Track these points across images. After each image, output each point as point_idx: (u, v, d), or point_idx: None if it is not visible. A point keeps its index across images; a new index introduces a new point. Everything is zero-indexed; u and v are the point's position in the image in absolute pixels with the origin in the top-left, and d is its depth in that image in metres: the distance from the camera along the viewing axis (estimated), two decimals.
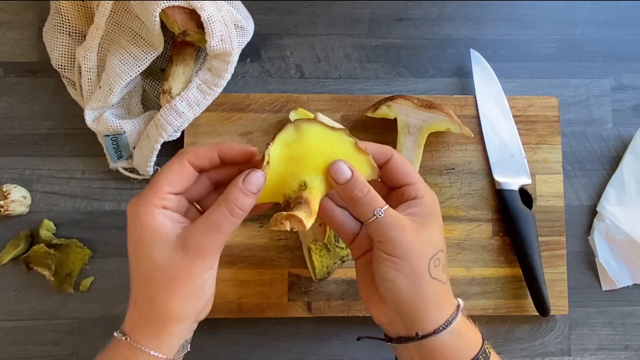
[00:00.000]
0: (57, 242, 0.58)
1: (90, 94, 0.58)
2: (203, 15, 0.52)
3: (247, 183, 0.38)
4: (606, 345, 0.61)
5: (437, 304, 0.42)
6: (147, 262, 0.38)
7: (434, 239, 0.42)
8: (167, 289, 0.38)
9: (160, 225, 0.38)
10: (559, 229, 0.60)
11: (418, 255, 0.40)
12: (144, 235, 0.38)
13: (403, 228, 0.40)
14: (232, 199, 0.38)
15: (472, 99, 0.62)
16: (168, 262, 0.38)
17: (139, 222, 0.38)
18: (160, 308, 0.39)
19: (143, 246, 0.38)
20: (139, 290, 0.40)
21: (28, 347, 0.58)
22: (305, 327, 0.60)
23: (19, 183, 0.60)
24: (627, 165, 0.62)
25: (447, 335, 0.41)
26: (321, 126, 0.40)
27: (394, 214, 0.41)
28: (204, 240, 0.38)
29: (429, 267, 0.41)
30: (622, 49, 0.65)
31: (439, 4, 0.65)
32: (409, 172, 0.43)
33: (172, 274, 0.38)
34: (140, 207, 0.39)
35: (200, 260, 0.38)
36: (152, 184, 0.39)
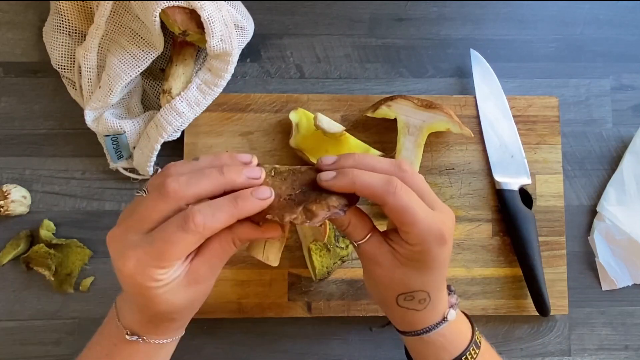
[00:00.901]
0: (57, 242, 0.58)
1: (90, 94, 0.58)
2: (203, 15, 0.52)
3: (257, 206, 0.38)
4: (606, 345, 0.61)
5: (406, 323, 0.44)
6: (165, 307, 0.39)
7: (411, 281, 0.41)
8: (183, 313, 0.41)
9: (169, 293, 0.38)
10: (559, 229, 0.60)
11: (385, 287, 0.42)
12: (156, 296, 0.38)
13: (376, 263, 0.41)
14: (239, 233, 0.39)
15: (472, 99, 0.62)
16: (187, 298, 0.39)
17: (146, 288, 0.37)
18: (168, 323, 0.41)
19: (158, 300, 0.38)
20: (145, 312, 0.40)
21: (28, 347, 0.58)
22: (305, 327, 0.60)
23: (19, 183, 0.60)
24: (627, 165, 0.62)
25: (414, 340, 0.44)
26: None
27: (372, 248, 0.41)
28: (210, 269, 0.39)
29: (397, 300, 0.42)
30: (622, 49, 0.65)
31: (439, 4, 0.65)
32: (402, 222, 0.39)
33: (192, 305, 0.41)
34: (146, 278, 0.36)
35: (210, 281, 0.41)
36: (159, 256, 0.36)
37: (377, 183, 0.38)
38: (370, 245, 0.41)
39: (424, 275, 0.41)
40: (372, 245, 0.41)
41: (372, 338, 0.60)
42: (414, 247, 0.39)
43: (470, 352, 0.43)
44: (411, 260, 0.40)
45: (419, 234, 0.39)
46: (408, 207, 0.38)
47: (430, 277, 0.41)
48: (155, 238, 0.36)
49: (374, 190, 0.38)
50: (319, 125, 0.55)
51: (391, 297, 0.42)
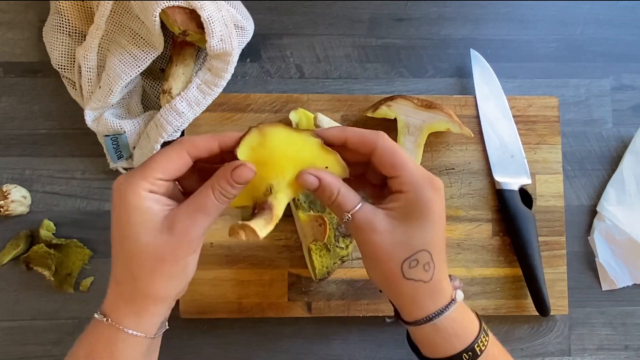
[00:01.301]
0: (57, 242, 0.58)
1: (90, 94, 0.58)
2: (203, 15, 0.52)
3: (235, 176, 0.39)
4: (606, 345, 0.61)
5: (415, 301, 0.41)
6: (132, 243, 0.39)
7: (412, 239, 0.40)
8: (151, 270, 0.39)
9: (147, 207, 0.39)
10: (559, 229, 0.60)
11: (387, 258, 0.40)
12: (130, 216, 0.39)
13: (372, 230, 0.40)
14: (218, 188, 0.39)
15: (472, 99, 0.62)
16: (154, 243, 0.38)
17: (125, 203, 0.39)
18: (143, 288, 0.39)
19: (128, 227, 0.39)
20: (122, 270, 0.40)
21: (28, 347, 0.58)
22: (305, 327, 0.60)
23: (19, 183, 0.60)
24: (627, 165, 0.62)
25: (426, 329, 0.41)
26: (285, 129, 0.40)
27: (365, 215, 0.40)
28: (190, 222, 0.39)
29: (402, 269, 0.40)
30: (622, 49, 0.65)
31: (439, 4, 0.65)
32: (394, 163, 0.40)
33: (157, 255, 0.39)
34: (128, 187, 0.39)
35: (185, 242, 0.39)
36: (144, 166, 0.39)
37: (366, 130, 0.41)
38: (364, 211, 0.40)
39: (422, 229, 0.40)
40: (366, 211, 0.40)
41: (372, 338, 0.60)
42: (408, 193, 0.40)
43: (482, 340, 0.42)
44: (408, 213, 0.40)
45: (410, 175, 0.40)
46: (397, 150, 0.40)
47: (429, 231, 0.40)
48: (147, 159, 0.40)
49: (364, 135, 0.40)
50: (318, 125, 0.55)
51: (396, 267, 0.40)
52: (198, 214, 0.39)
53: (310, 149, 0.40)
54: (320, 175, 0.40)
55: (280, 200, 0.40)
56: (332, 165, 0.41)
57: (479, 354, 0.41)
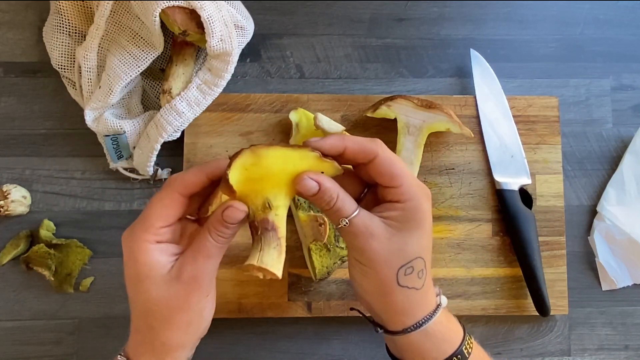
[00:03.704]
0: (57, 242, 0.58)
1: (90, 94, 0.58)
2: (203, 15, 0.52)
3: (226, 217, 0.39)
4: (606, 345, 0.61)
5: (406, 310, 0.42)
6: (144, 297, 0.39)
7: (409, 247, 0.40)
8: (167, 321, 0.40)
9: (155, 261, 0.39)
10: (559, 229, 0.60)
11: (384, 264, 0.40)
12: (139, 271, 0.39)
13: (370, 236, 0.40)
14: (214, 230, 0.39)
15: (472, 99, 0.62)
16: (165, 295, 0.39)
17: (133, 258, 0.39)
18: (162, 338, 0.40)
19: (139, 282, 0.39)
20: (139, 320, 0.41)
21: (28, 347, 0.58)
22: (305, 327, 0.60)
23: (19, 183, 0.60)
24: (627, 165, 0.62)
25: (416, 336, 0.42)
26: (280, 148, 0.38)
27: (363, 221, 0.40)
28: (196, 268, 0.39)
29: (397, 276, 0.40)
30: (622, 49, 0.65)
31: (439, 4, 0.65)
32: (393, 174, 0.40)
33: (170, 306, 0.39)
34: (134, 244, 0.39)
35: (196, 289, 0.40)
36: (144, 219, 0.40)
37: (365, 140, 0.40)
38: (362, 217, 0.40)
39: (417, 238, 0.40)
40: (364, 217, 0.40)
41: (372, 338, 0.60)
42: (406, 203, 0.40)
43: (467, 342, 0.42)
44: (405, 222, 0.40)
45: (409, 186, 0.40)
46: (396, 160, 0.40)
47: (424, 240, 0.41)
48: (145, 209, 0.40)
49: (363, 144, 0.40)
50: (319, 125, 0.55)
51: (391, 275, 0.40)
52: (201, 258, 0.39)
53: (308, 162, 0.39)
54: (320, 179, 0.39)
55: (281, 216, 0.40)
56: (328, 170, 0.40)
57: (467, 356, 0.42)
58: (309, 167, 0.39)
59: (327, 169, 0.40)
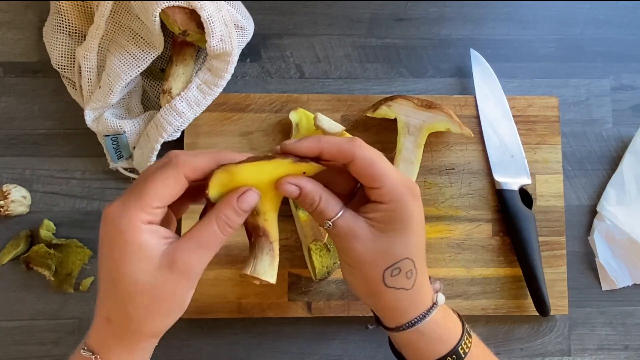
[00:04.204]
0: (57, 242, 0.58)
1: (90, 94, 0.58)
2: (203, 15, 0.52)
3: (241, 202, 0.38)
4: (606, 345, 0.61)
5: (397, 309, 0.41)
6: (128, 282, 0.36)
7: (394, 248, 0.39)
8: (147, 309, 0.37)
9: (145, 242, 0.36)
10: (559, 229, 0.60)
11: (369, 266, 0.40)
12: (126, 252, 0.36)
13: (354, 238, 0.39)
14: (224, 217, 0.37)
15: (472, 99, 0.62)
16: (152, 282, 0.36)
17: (121, 237, 0.35)
18: (138, 327, 0.37)
19: (124, 264, 0.36)
20: (114, 309, 0.37)
21: (28, 347, 0.58)
22: (305, 327, 0.60)
23: (19, 183, 0.60)
24: (627, 165, 0.62)
25: (409, 334, 0.41)
26: (251, 164, 0.37)
27: (347, 223, 0.39)
28: (193, 259, 0.37)
29: (384, 277, 0.40)
30: (622, 49, 0.65)
31: (439, 4, 0.65)
32: (373, 175, 0.38)
33: (155, 295, 0.36)
34: (124, 219, 0.35)
35: (185, 280, 0.37)
36: (140, 193, 0.36)
37: (342, 139, 0.39)
38: (346, 219, 0.39)
39: (404, 238, 0.39)
40: (348, 219, 0.39)
41: (372, 338, 0.60)
42: (390, 204, 0.39)
43: (465, 342, 0.42)
44: (389, 223, 0.39)
45: (392, 186, 0.38)
46: (376, 160, 0.38)
47: (411, 240, 0.39)
48: (138, 180, 0.37)
49: (340, 146, 0.38)
50: (319, 125, 0.55)
51: (377, 276, 0.40)
52: (201, 250, 0.37)
53: (283, 169, 0.39)
54: (300, 183, 0.39)
55: (270, 220, 0.40)
56: (308, 170, 0.40)
57: (462, 357, 0.41)
58: (285, 172, 0.39)
59: (306, 169, 0.40)
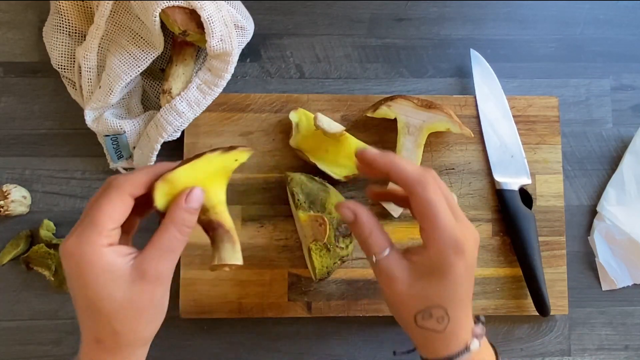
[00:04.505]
0: (57, 242, 0.58)
1: (90, 94, 0.58)
2: (203, 15, 0.52)
3: (189, 202, 0.40)
4: (606, 345, 0.61)
5: (427, 346, 0.42)
6: (107, 303, 0.38)
7: (428, 295, 0.41)
8: (132, 321, 0.39)
9: (112, 263, 0.38)
10: (559, 229, 0.60)
11: (403, 305, 0.42)
12: (98, 277, 0.38)
13: (393, 278, 0.41)
14: (179, 220, 0.40)
15: (472, 99, 0.62)
16: (129, 296, 0.38)
17: (89, 265, 0.38)
18: (127, 339, 0.40)
19: (99, 288, 0.38)
20: (102, 329, 0.39)
21: (28, 347, 0.58)
22: (305, 327, 0.60)
23: (19, 183, 0.60)
24: (627, 165, 0.62)
25: None
26: (183, 167, 0.40)
27: (389, 264, 0.41)
28: (160, 265, 0.39)
29: (415, 319, 0.41)
30: (622, 49, 0.65)
31: (439, 4, 0.65)
32: (426, 216, 0.40)
33: (136, 307, 0.39)
34: (87, 248, 0.38)
35: (159, 286, 0.39)
36: (93, 223, 0.38)
37: (413, 170, 0.41)
38: (389, 259, 0.42)
39: (439, 287, 0.40)
40: (391, 260, 0.42)
41: (372, 338, 0.60)
42: (431, 252, 0.40)
43: None
44: (427, 271, 0.41)
45: (437, 235, 0.40)
46: (434, 203, 0.40)
47: (447, 291, 0.40)
48: (86, 211, 0.39)
49: (408, 175, 0.40)
50: (319, 125, 0.55)
51: (409, 315, 0.42)
52: (166, 255, 0.39)
53: (216, 163, 0.42)
54: (357, 211, 0.42)
55: (220, 212, 0.42)
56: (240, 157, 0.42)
57: None
58: (219, 165, 0.42)
59: (237, 157, 0.42)
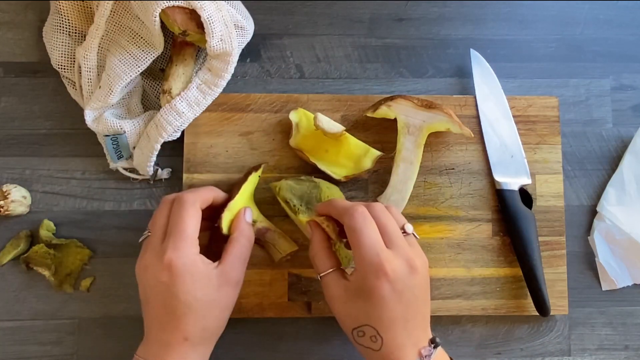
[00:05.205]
0: (57, 242, 0.58)
1: (90, 94, 0.58)
2: (203, 15, 0.52)
3: (248, 217, 0.53)
4: (606, 345, 0.61)
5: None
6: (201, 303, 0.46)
7: (358, 314, 0.45)
8: (219, 318, 0.48)
9: (204, 271, 0.46)
10: (559, 229, 0.60)
11: (341, 322, 0.47)
12: (195, 282, 0.45)
13: (331, 296, 0.47)
14: (245, 232, 0.51)
15: (472, 99, 0.62)
16: (217, 297, 0.47)
17: (188, 273, 0.45)
18: (212, 334, 0.48)
19: (196, 292, 0.45)
20: (193, 328, 0.46)
21: (28, 347, 0.58)
22: (305, 327, 0.60)
23: (19, 183, 0.60)
24: (627, 165, 0.62)
25: None
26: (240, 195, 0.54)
27: (328, 282, 0.48)
28: (237, 272, 0.49)
29: (352, 335, 0.46)
30: (622, 49, 0.65)
31: (439, 4, 0.65)
32: (352, 242, 0.45)
33: (222, 305, 0.48)
34: (185, 259, 0.45)
35: (237, 288, 0.49)
36: (183, 234, 0.46)
37: (342, 205, 0.48)
38: (330, 278, 0.47)
39: (367, 308, 0.44)
40: (330, 279, 0.47)
41: None
42: (358, 274, 0.45)
43: None
44: (358, 291, 0.45)
45: (361, 259, 0.44)
46: (357, 230, 0.45)
47: (374, 311, 0.43)
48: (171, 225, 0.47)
49: (338, 210, 0.48)
50: (319, 125, 0.55)
51: (348, 331, 0.46)
52: (240, 262, 0.49)
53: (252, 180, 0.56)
54: (313, 231, 0.51)
55: (263, 219, 0.56)
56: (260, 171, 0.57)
57: None
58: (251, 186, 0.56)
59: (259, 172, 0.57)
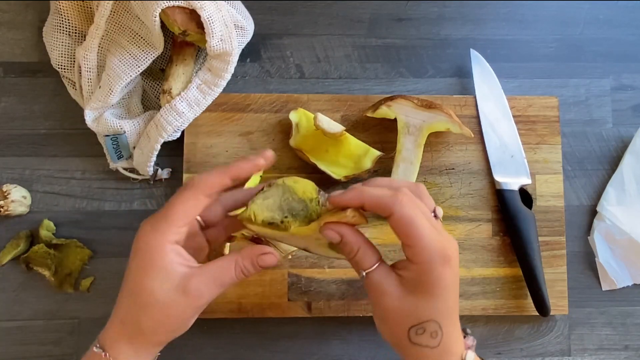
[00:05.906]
0: (57, 242, 0.58)
1: (90, 94, 0.58)
2: (203, 15, 0.52)
3: (261, 261, 0.42)
4: (606, 345, 0.61)
5: None
6: (145, 296, 0.40)
7: (420, 309, 0.40)
8: (157, 323, 0.41)
9: (169, 263, 0.40)
10: (559, 229, 0.60)
11: (395, 322, 0.41)
12: (151, 269, 0.40)
13: (383, 293, 0.41)
14: (242, 267, 0.42)
15: (472, 99, 0.62)
16: (165, 300, 0.40)
17: (148, 256, 0.40)
18: (147, 335, 0.41)
19: (146, 280, 0.40)
20: (129, 315, 0.41)
21: (28, 347, 0.58)
22: (305, 327, 0.60)
23: (19, 183, 0.60)
24: (627, 165, 0.62)
25: None
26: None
27: (378, 278, 0.41)
28: (204, 290, 0.41)
29: (409, 334, 0.41)
30: (622, 49, 0.65)
31: (439, 4, 0.65)
32: (407, 234, 0.40)
33: (165, 312, 0.40)
34: (154, 240, 0.40)
35: (194, 306, 0.41)
36: (166, 216, 0.41)
37: (385, 194, 0.40)
38: (378, 274, 0.41)
39: (431, 302, 0.40)
40: (380, 274, 0.41)
41: (372, 338, 0.60)
42: (419, 266, 0.40)
43: None
44: (418, 285, 0.40)
45: (423, 249, 0.40)
46: (414, 219, 0.39)
47: (439, 304, 0.40)
48: (166, 204, 0.42)
49: (380, 200, 0.40)
50: (319, 125, 0.55)
51: (402, 332, 0.41)
52: (214, 284, 0.41)
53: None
54: (341, 231, 0.41)
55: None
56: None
57: None
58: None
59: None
